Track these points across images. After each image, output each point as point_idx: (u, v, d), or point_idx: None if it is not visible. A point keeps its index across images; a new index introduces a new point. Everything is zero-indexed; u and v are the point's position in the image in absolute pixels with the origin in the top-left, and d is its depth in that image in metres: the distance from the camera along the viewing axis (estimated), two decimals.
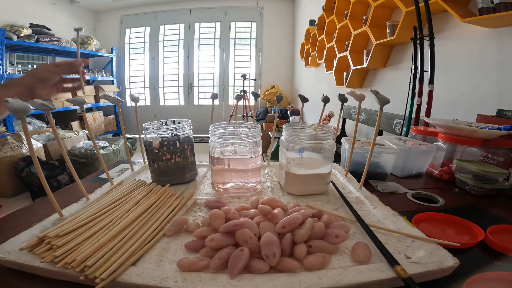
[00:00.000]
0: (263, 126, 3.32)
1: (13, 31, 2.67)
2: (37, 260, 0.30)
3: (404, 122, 1.28)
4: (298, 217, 0.33)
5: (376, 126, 0.48)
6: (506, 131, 0.59)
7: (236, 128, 0.53)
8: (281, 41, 4.29)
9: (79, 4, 3.93)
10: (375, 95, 0.45)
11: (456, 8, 1.00)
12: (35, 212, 0.46)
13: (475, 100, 1.07)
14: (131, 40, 4.43)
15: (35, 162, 0.37)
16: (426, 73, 1.12)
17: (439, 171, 0.65)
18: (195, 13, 4.29)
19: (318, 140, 0.47)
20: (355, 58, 1.85)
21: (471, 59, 1.08)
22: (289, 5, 4.22)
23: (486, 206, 0.50)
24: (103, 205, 0.42)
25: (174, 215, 0.42)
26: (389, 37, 1.43)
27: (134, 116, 0.61)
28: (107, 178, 0.54)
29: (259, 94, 3.97)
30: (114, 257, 0.29)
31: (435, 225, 0.41)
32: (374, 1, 1.52)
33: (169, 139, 0.53)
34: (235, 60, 4.40)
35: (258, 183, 0.52)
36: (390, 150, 0.61)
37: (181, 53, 4.39)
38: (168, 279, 0.27)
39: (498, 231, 0.38)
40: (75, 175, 0.46)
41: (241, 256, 0.28)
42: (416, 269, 0.28)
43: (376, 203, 0.45)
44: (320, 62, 2.67)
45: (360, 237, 0.36)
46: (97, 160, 2.40)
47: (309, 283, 0.27)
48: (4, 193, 2.11)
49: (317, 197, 0.49)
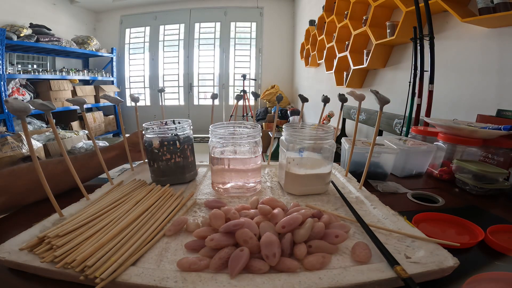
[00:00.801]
0: (263, 126, 3.32)
1: (13, 31, 2.67)
2: (37, 260, 0.30)
3: (404, 122, 1.28)
4: (298, 217, 0.33)
5: (376, 126, 0.48)
6: (506, 131, 0.59)
7: (236, 128, 0.53)
8: (281, 41, 4.29)
9: (79, 4, 3.93)
10: (375, 95, 0.45)
11: (456, 8, 1.00)
12: (35, 212, 0.46)
13: (475, 100, 1.07)
14: (131, 40, 4.44)
15: (35, 162, 0.37)
16: (426, 73, 1.12)
17: (439, 171, 0.65)
18: (195, 13, 4.29)
19: (318, 140, 0.47)
20: (355, 58, 1.85)
21: (471, 59, 1.08)
22: (289, 5, 4.22)
23: (486, 206, 0.50)
24: (103, 205, 0.42)
25: (174, 215, 0.42)
26: (389, 37, 1.43)
27: (134, 116, 0.61)
28: (107, 178, 0.54)
29: (259, 94, 3.98)
30: (114, 257, 0.29)
31: (435, 225, 0.41)
32: (374, 1, 1.52)
33: (169, 139, 0.53)
34: (235, 60, 4.40)
35: (258, 183, 0.52)
36: (390, 150, 0.61)
37: (181, 53, 4.39)
38: (168, 279, 0.27)
39: (498, 231, 0.38)
40: (75, 175, 0.46)
41: (241, 256, 0.28)
42: (416, 269, 0.28)
43: (376, 203, 0.45)
44: (320, 62, 2.67)
45: (360, 237, 0.36)
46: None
47: (309, 283, 0.27)
48: None
49: (317, 197, 0.49)
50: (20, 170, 0.49)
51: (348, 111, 2.15)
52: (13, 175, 0.48)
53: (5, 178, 0.47)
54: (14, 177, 0.48)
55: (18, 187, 0.47)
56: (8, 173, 0.48)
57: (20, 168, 0.49)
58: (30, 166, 0.49)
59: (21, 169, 0.49)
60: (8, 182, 0.46)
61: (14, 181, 0.47)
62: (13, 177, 0.48)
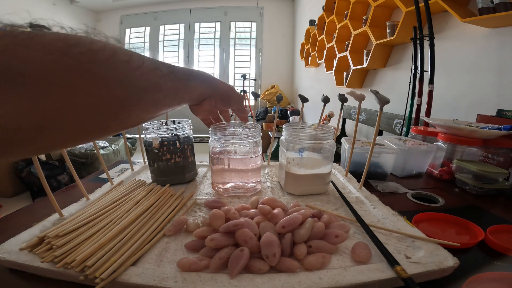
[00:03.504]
0: (263, 126, 3.32)
1: None
2: (37, 260, 0.30)
3: (404, 122, 1.28)
4: (298, 217, 0.33)
5: (376, 126, 0.48)
6: (506, 131, 0.59)
7: (236, 128, 0.53)
8: (281, 41, 4.29)
9: (79, 4, 3.93)
10: (375, 95, 0.45)
11: (456, 8, 1.00)
12: (35, 212, 0.46)
13: (475, 100, 1.07)
14: (131, 40, 4.43)
15: (35, 162, 0.37)
16: (426, 73, 1.12)
17: (439, 171, 0.65)
18: (195, 13, 4.29)
19: (318, 140, 0.47)
20: (355, 58, 1.85)
21: (471, 59, 1.08)
22: (289, 5, 4.22)
23: (486, 206, 0.50)
24: (103, 205, 0.42)
25: (174, 215, 0.42)
26: (389, 37, 1.43)
27: None
28: (107, 178, 0.54)
29: (259, 94, 3.98)
30: (114, 257, 0.29)
31: (435, 225, 0.41)
32: (374, 1, 1.52)
33: (169, 139, 0.53)
34: (235, 60, 4.40)
35: (258, 183, 0.52)
36: (390, 150, 0.61)
37: (181, 53, 4.39)
38: (168, 279, 0.27)
39: (498, 231, 0.38)
40: (75, 175, 0.46)
41: (241, 256, 0.28)
42: (416, 269, 0.28)
43: (376, 203, 0.45)
44: (320, 62, 2.67)
45: (360, 237, 0.36)
46: (97, 160, 2.40)
47: (309, 283, 0.27)
48: (4, 193, 2.10)
49: (317, 197, 0.49)
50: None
51: (348, 111, 2.15)
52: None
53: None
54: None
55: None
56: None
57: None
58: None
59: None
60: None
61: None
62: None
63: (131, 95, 0.23)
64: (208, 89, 0.36)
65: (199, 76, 0.34)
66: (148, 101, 0.25)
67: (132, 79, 0.22)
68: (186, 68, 0.31)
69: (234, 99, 0.41)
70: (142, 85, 0.24)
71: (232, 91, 0.40)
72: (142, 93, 0.24)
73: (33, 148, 0.19)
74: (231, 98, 0.40)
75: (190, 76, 0.32)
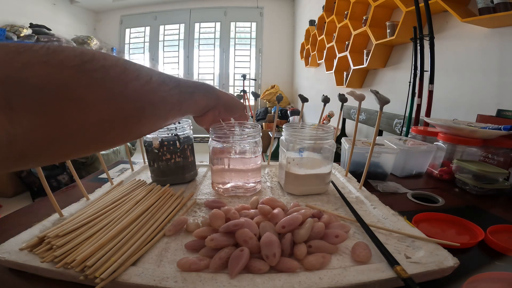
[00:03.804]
0: (263, 126, 3.33)
1: (13, 31, 2.67)
2: (37, 260, 0.30)
3: (404, 122, 1.28)
4: (298, 217, 0.33)
5: (376, 126, 0.48)
6: (506, 131, 0.59)
7: (236, 128, 0.53)
8: (281, 41, 4.29)
9: (79, 4, 3.93)
10: (375, 95, 0.45)
11: (456, 8, 1.00)
12: (35, 212, 0.46)
13: (475, 100, 1.07)
14: (131, 40, 4.44)
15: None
16: (426, 73, 1.12)
17: (439, 171, 0.65)
18: (195, 13, 4.29)
19: (318, 140, 0.47)
20: (355, 58, 1.85)
21: (471, 59, 1.08)
22: (289, 5, 4.22)
23: (486, 206, 0.50)
24: (103, 205, 0.42)
25: (174, 215, 0.42)
26: (389, 37, 1.43)
27: None
28: (107, 178, 0.54)
29: (259, 94, 3.98)
30: (114, 257, 0.29)
31: (435, 225, 0.41)
32: (374, 1, 1.52)
33: (169, 139, 0.53)
34: (235, 60, 4.40)
35: (258, 183, 0.52)
36: (390, 150, 0.61)
37: (181, 53, 4.40)
38: (168, 279, 0.27)
39: (498, 231, 0.38)
40: (75, 175, 0.46)
41: (241, 256, 0.28)
42: (416, 269, 0.28)
43: (376, 203, 0.45)
44: (320, 62, 2.67)
45: (360, 237, 0.36)
46: (97, 160, 2.40)
47: (309, 283, 0.27)
48: (4, 193, 2.11)
49: (317, 197, 0.49)
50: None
51: (348, 111, 2.15)
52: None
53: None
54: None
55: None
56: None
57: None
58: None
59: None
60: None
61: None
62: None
63: (139, 109, 0.24)
64: (212, 100, 0.37)
65: (202, 88, 0.35)
66: (154, 115, 0.26)
67: (140, 95, 0.24)
68: (191, 81, 0.32)
69: (236, 108, 0.42)
70: (150, 100, 0.25)
71: (234, 100, 0.41)
72: (149, 107, 0.25)
73: (43, 160, 0.20)
74: (234, 107, 0.42)
75: (195, 89, 0.33)
